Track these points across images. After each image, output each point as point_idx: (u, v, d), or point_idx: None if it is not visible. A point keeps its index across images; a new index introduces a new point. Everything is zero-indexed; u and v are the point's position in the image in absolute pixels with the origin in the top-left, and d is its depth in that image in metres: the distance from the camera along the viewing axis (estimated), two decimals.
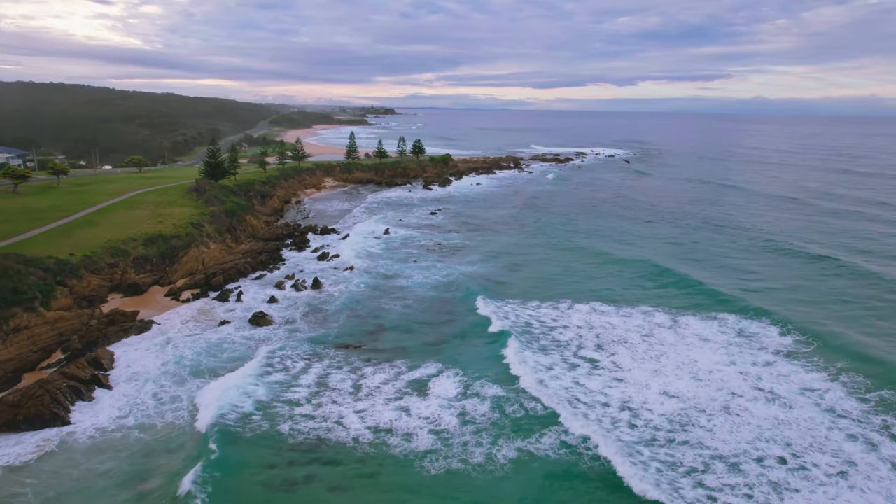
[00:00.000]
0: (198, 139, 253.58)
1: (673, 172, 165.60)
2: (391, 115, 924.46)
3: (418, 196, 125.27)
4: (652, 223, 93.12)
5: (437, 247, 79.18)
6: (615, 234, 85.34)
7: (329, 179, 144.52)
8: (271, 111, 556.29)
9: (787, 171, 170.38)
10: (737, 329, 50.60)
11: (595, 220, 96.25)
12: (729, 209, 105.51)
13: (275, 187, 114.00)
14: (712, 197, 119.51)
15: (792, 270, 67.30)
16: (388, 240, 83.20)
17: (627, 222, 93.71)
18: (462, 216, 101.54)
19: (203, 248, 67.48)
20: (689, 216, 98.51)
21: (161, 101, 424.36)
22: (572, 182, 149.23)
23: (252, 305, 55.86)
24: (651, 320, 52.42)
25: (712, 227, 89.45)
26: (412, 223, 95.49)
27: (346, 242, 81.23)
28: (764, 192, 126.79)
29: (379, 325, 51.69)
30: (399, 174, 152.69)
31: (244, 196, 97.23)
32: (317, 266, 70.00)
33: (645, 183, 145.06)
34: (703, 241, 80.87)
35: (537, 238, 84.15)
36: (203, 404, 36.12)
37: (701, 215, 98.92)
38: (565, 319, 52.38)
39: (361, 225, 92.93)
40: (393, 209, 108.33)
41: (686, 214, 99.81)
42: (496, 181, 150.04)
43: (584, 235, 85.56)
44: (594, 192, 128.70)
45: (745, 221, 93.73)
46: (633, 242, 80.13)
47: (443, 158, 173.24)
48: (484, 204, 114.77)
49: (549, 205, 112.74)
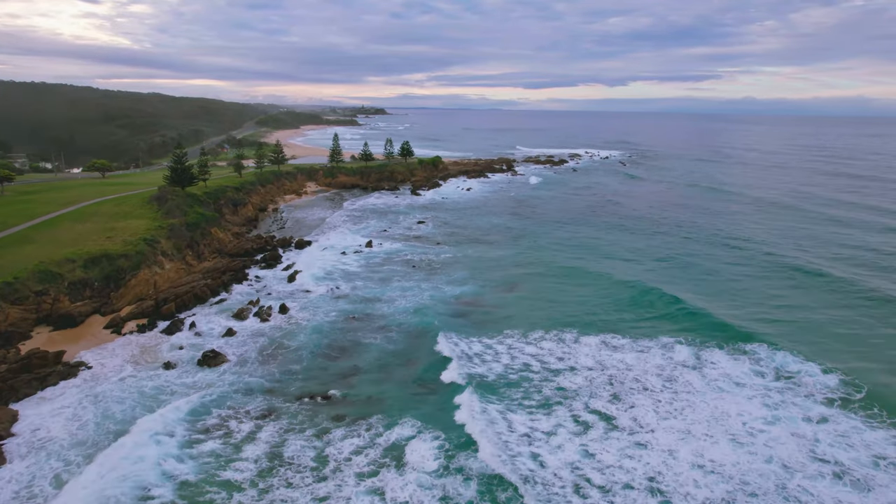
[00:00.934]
0: (178, 140, 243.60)
1: (672, 176, 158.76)
2: (382, 115, 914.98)
3: (405, 202, 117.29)
4: (658, 236, 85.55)
5: (423, 263, 71.26)
6: (619, 249, 77.80)
7: (311, 184, 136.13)
8: (259, 111, 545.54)
9: (790, 175, 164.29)
10: (772, 367, 43.27)
11: (596, 232, 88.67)
12: (737, 220, 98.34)
13: (250, 194, 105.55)
14: (717, 206, 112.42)
15: (815, 294, 59.95)
16: (370, 255, 75.17)
17: (631, 235, 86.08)
18: (452, 225, 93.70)
19: (156, 269, 59.12)
20: (697, 228, 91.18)
21: (144, 101, 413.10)
22: (568, 186, 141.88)
23: (205, 340, 47.69)
24: (672, 357, 44.90)
25: (722, 241, 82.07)
26: (397, 234, 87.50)
27: (322, 258, 73.13)
28: (769, 199, 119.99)
29: (353, 366, 43.72)
30: (386, 178, 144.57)
31: (213, 205, 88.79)
32: (287, 288, 61.84)
33: (644, 188, 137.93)
34: (715, 259, 73.51)
35: (534, 252, 76.47)
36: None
37: (709, 228, 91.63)
38: (572, 358, 44.68)
39: (342, 237, 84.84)
40: (377, 217, 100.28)
41: (693, 226, 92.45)
42: (488, 185, 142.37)
43: (584, 249, 77.97)
44: (592, 199, 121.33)
45: (755, 234, 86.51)
46: (640, 260, 72.57)
47: (432, 161, 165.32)
48: (475, 211, 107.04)
49: (544, 213, 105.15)
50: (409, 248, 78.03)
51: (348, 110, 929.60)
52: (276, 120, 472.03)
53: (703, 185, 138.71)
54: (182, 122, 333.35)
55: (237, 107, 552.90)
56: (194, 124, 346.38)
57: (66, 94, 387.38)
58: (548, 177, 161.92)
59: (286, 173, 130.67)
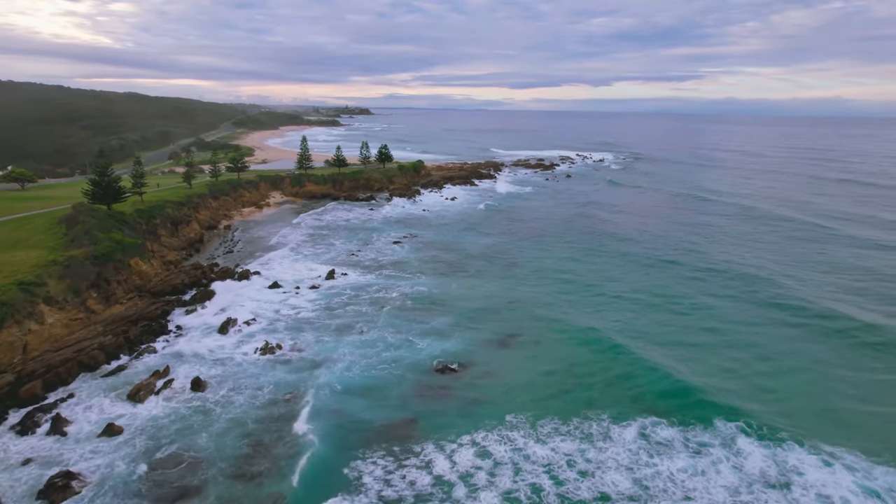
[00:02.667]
0: (141, 143, 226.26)
1: (672, 185, 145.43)
2: (366, 115, 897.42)
3: (381, 215, 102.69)
4: (673, 267, 71.49)
5: (396, 303, 56.85)
6: (629, 287, 64.06)
7: (276, 194, 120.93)
8: (238, 112, 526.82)
9: (805, 185, 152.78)
10: (885, 484, 29.82)
11: (602, 260, 74.78)
12: (778, 249, 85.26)
13: (197, 209, 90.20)
14: (746, 228, 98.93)
15: None
16: (330, 291, 60.59)
17: (645, 267, 71.76)
18: (434, 247, 79.40)
19: (30, 325, 43.98)
20: (719, 257, 78.03)
21: (115, 100, 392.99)
22: (563, 196, 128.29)
23: (68, 448, 32.87)
24: (743, 464, 31.21)
25: (767, 293, 68.81)
26: (367, 259, 72.98)
27: (269, 298, 58.45)
28: (781, 214, 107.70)
29: (274, 493, 29.24)
30: (361, 186, 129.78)
31: (146, 226, 73.55)
32: (213, 343, 47.10)
33: (647, 200, 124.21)
34: (749, 310, 60.23)
35: (532, 285, 62.47)
36: None
37: (743, 263, 78.50)
38: (602, 472, 30.65)
39: (299, 265, 70.12)
40: (346, 237, 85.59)
41: (713, 254, 79.23)
42: (475, 194, 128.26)
43: (593, 283, 64.10)
44: (595, 212, 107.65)
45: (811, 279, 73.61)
46: (671, 305, 58.42)
47: (413, 166, 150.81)
48: (461, 227, 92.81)
49: (540, 230, 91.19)
50: (380, 281, 63.53)
51: (331, 110, 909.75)
52: (255, 121, 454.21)
53: (711, 198, 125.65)
54: (152, 123, 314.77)
55: (215, 107, 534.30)
56: (165, 125, 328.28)
57: (31, 92, 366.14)
58: (539, 184, 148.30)
59: (247, 182, 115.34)
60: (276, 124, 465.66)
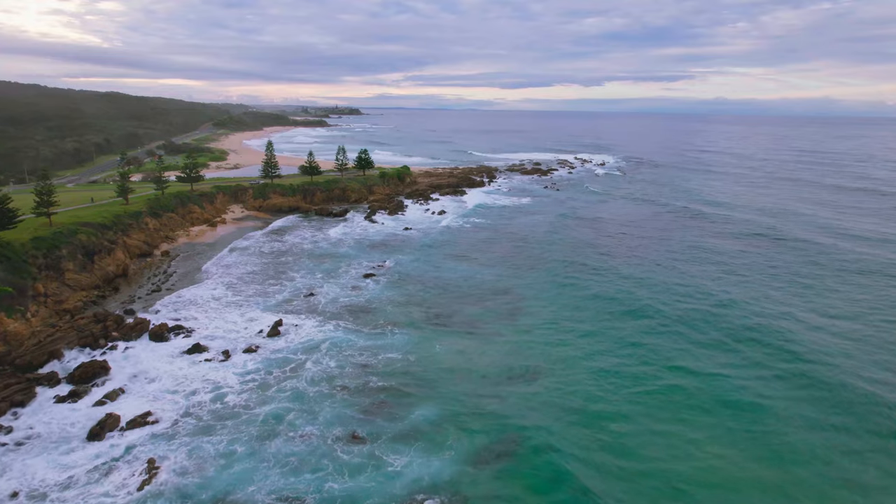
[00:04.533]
0: (103, 146, 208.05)
1: (691, 200, 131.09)
2: (355, 115, 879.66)
3: (355, 235, 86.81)
4: (719, 332, 56.05)
5: (356, 378, 41.15)
6: (679, 350, 48.78)
7: (236, 208, 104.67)
8: (223, 112, 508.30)
9: (828, 197, 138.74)
10: None
11: (628, 326, 59.46)
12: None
13: (127, 232, 73.81)
14: (778, 255, 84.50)
15: None
16: (272, 356, 44.79)
17: (681, 329, 56.22)
18: (414, 282, 63.74)
19: None
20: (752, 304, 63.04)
21: (92, 100, 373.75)
22: (570, 209, 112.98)
23: None
24: None
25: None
26: (328, 301, 57.16)
27: (187, 368, 42.65)
28: (807, 236, 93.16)
29: None
30: (336, 198, 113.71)
31: (43, 259, 57.16)
32: (72, 462, 31.15)
33: (666, 220, 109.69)
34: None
35: (550, 345, 46.97)
36: None
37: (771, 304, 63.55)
38: None
39: (241, 311, 54.23)
40: (309, 267, 69.71)
41: (749, 303, 64.22)
42: (467, 207, 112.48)
43: (648, 341, 48.68)
44: (607, 233, 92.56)
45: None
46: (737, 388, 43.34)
47: (397, 173, 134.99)
48: (450, 253, 77.20)
49: (549, 257, 75.61)
50: (339, 339, 47.72)
51: (320, 110, 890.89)
52: (237, 121, 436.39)
53: (735, 215, 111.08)
54: (123, 125, 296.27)
55: (198, 107, 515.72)
56: (140, 126, 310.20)
57: (4, 91, 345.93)
58: (538, 193, 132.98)
59: (200, 195, 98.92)
60: (260, 125, 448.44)
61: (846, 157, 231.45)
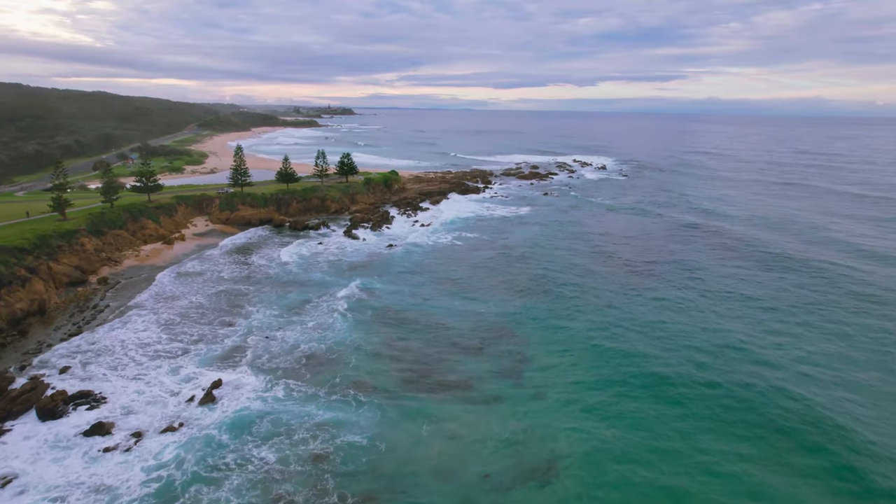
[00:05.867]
0: (73, 149, 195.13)
1: (703, 209, 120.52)
2: (349, 115, 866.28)
3: (330, 255, 75.41)
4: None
5: (304, 489, 29.83)
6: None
7: (200, 220, 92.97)
8: (211, 112, 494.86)
9: (852, 208, 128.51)
10: None
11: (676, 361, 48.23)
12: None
13: (54, 256, 62.05)
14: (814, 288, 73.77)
15: None
16: (197, 436, 33.45)
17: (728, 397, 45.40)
18: (394, 322, 52.40)
19: None
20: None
21: (70, 100, 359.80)
22: (574, 221, 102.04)
23: None
24: None
25: None
26: (283, 353, 45.75)
27: (76, 465, 31.31)
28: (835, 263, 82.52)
29: None
30: (314, 208, 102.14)
31: None
32: None
33: (692, 242, 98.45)
34: None
35: (567, 421, 35.84)
36: None
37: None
38: None
39: (172, 366, 42.74)
40: (270, 298, 58.27)
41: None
42: (460, 220, 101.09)
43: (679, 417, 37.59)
44: (628, 254, 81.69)
45: None
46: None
47: (384, 179, 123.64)
48: (439, 277, 65.96)
49: (556, 284, 64.57)
50: (287, 414, 36.35)
51: (312, 110, 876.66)
52: (224, 122, 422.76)
53: (758, 236, 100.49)
54: (100, 125, 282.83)
55: (184, 106, 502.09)
56: (119, 127, 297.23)
57: None
58: (538, 201, 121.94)
59: (159, 207, 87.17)
60: (248, 125, 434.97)
61: (851, 158, 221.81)
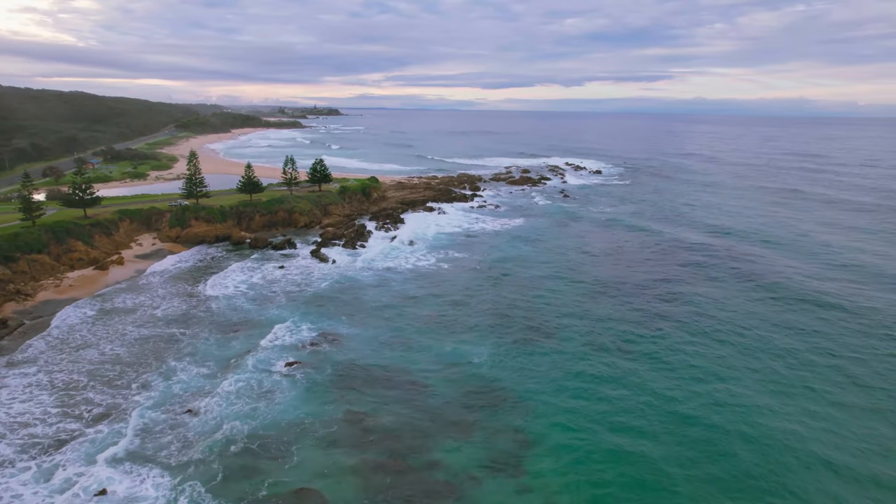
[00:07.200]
0: (27, 153, 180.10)
1: (713, 225, 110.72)
2: (335, 116, 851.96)
3: (291, 284, 63.95)
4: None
5: None
6: None
7: (147, 238, 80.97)
8: (189, 113, 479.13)
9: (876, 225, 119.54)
10: None
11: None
12: None
13: None
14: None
15: None
16: None
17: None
18: (357, 386, 41.19)
19: None
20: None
21: (41, 100, 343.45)
22: (575, 235, 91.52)
23: None
24: None
25: None
26: (204, 434, 34.41)
27: None
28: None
29: None
30: (280, 222, 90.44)
31: None
32: None
33: (706, 267, 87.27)
34: None
35: None
36: None
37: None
38: None
39: (34, 471, 31.19)
40: (205, 348, 46.77)
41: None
42: (444, 235, 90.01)
43: None
44: (640, 279, 71.23)
45: None
46: None
47: (362, 187, 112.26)
48: (418, 314, 54.79)
49: (558, 323, 53.78)
50: None
51: (299, 111, 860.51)
52: (202, 123, 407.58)
53: (781, 261, 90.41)
54: (66, 127, 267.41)
55: (162, 107, 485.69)
56: (89, 129, 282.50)
57: None
58: (531, 210, 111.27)
59: (97, 223, 75.06)
60: (228, 127, 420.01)
61: (850, 161, 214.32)
